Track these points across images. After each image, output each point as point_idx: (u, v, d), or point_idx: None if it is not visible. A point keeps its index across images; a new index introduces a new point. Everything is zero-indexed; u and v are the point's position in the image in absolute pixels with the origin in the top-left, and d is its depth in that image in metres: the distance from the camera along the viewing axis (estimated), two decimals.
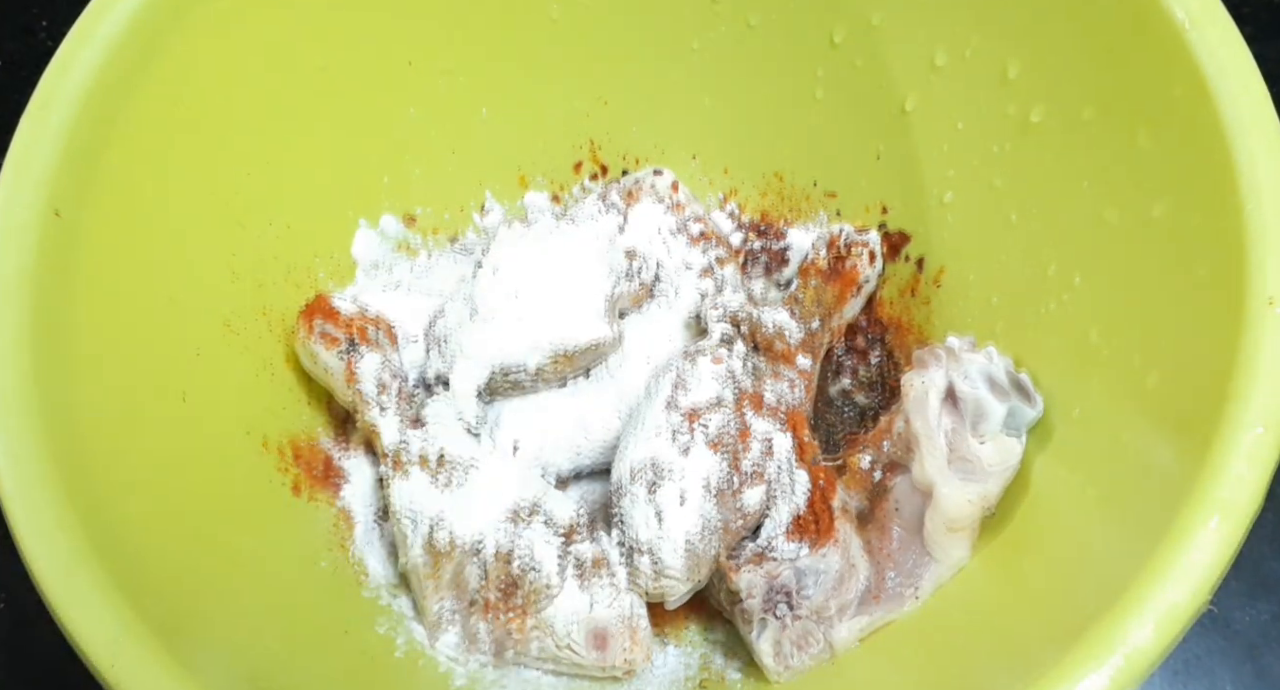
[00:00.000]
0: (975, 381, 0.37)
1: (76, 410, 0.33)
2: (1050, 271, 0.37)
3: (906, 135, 0.42)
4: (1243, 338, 0.28)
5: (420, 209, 0.49)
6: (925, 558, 0.37)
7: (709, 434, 0.38)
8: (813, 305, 0.43)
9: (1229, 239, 0.29)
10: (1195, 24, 0.31)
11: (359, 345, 0.42)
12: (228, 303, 0.41)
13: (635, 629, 0.38)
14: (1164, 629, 0.26)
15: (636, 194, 0.45)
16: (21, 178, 0.34)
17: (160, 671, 0.29)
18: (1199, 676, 0.43)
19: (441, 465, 0.40)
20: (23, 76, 0.57)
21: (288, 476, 0.41)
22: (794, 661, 0.37)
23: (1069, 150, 0.36)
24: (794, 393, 0.41)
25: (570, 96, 0.48)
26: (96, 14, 0.35)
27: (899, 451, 0.38)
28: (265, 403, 0.42)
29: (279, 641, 0.35)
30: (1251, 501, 0.27)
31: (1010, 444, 0.36)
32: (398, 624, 0.40)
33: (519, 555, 0.38)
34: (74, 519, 0.30)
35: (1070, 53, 0.35)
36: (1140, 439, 0.31)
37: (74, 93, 0.35)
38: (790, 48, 0.44)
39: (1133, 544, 0.28)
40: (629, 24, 0.45)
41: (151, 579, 0.32)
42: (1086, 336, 0.35)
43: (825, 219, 0.47)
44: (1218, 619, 0.44)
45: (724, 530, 0.37)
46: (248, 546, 0.37)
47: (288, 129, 0.42)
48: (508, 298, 0.41)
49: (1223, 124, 0.30)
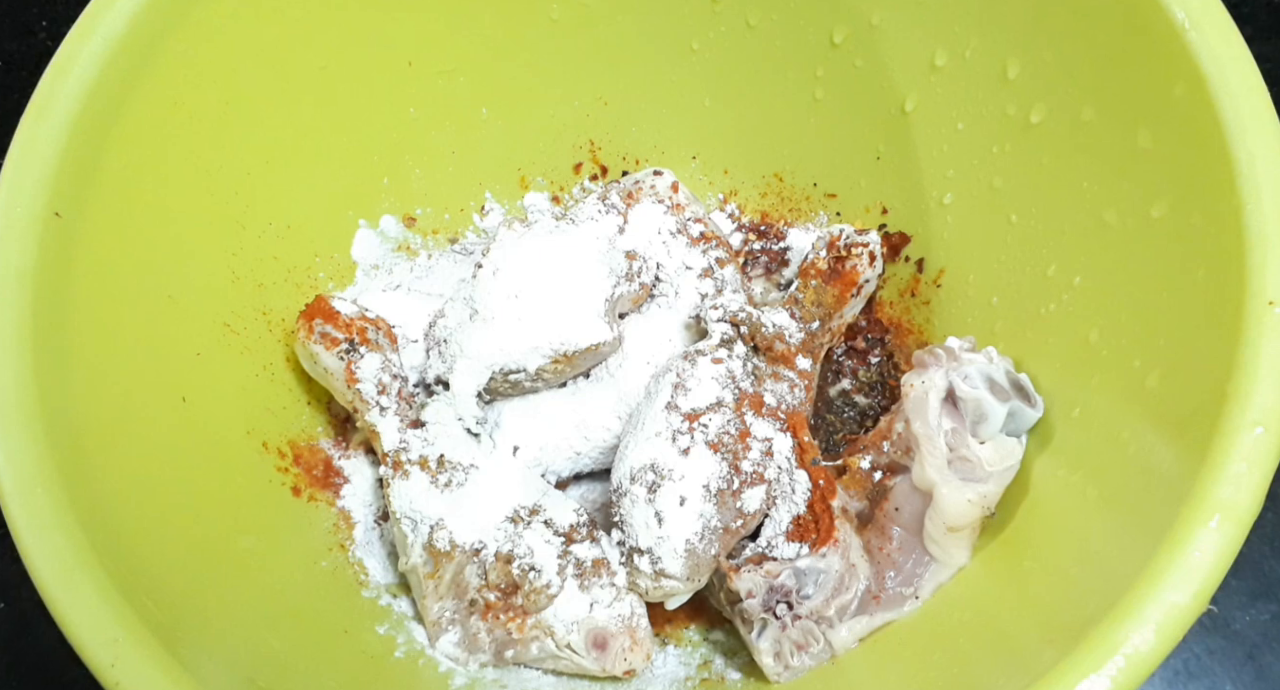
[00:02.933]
0: (975, 382, 0.37)
1: (76, 410, 0.33)
2: (1050, 272, 0.37)
3: (906, 135, 0.42)
4: (1243, 338, 0.28)
5: (420, 210, 0.49)
6: (925, 559, 0.37)
7: (709, 435, 0.38)
8: (813, 306, 0.43)
9: (1229, 239, 0.29)
10: (1195, 24, 0.31)
11: (359, 346, 0.42)
12: (228, 304, 0.41)
13: (635, 630, 0.38)
14: (1164, 630, 0.26)
15: (636, 195, 0.45)
16: (21, 178, 0.34)
17: (160, 671, 0.29)
18: (1199, 677, 0.43)
19: (442, 467, 0.40)
20: (23, 76, 0.57)
21: (288, 478, 0.41)
22: (794, 662, 0.37)
23: (1069, 150, 0.36)
24: (794, 394, 0.41)
25: (570, 96, 0.48)
26: (96, 14, 0.35)
27: (899, 453, 0.38)
28: (265, 404, 0.42)
29: (279, 642, 0.35)
30: (1252, 501, 0.27)
31: (1010, 445, 0.36)
32: (398, 625, 0.40)
33: (519, 557, 0.38)
34: (74, 519, 0.30)
35: (1070, 53, 0.35)
36: (1140, 439, 0.31)
37: (74, 93, 0.35)
38: (790, 48, 0.44)
39: (1133, 544, 0.28)
40: (629, 24, 0.45)
41: (151, 579, 0.32)
42: (1086, 337, 0.35)
43: (825, 220, 0.47)
44: (1218, 620, 0.44)
45: (724, 532, 0.37)
46: (248, 547, 0.37)
47: (287, 129, 0.42)
48: (508, 299, 0.41)
49: (1223, 124, 0.30)
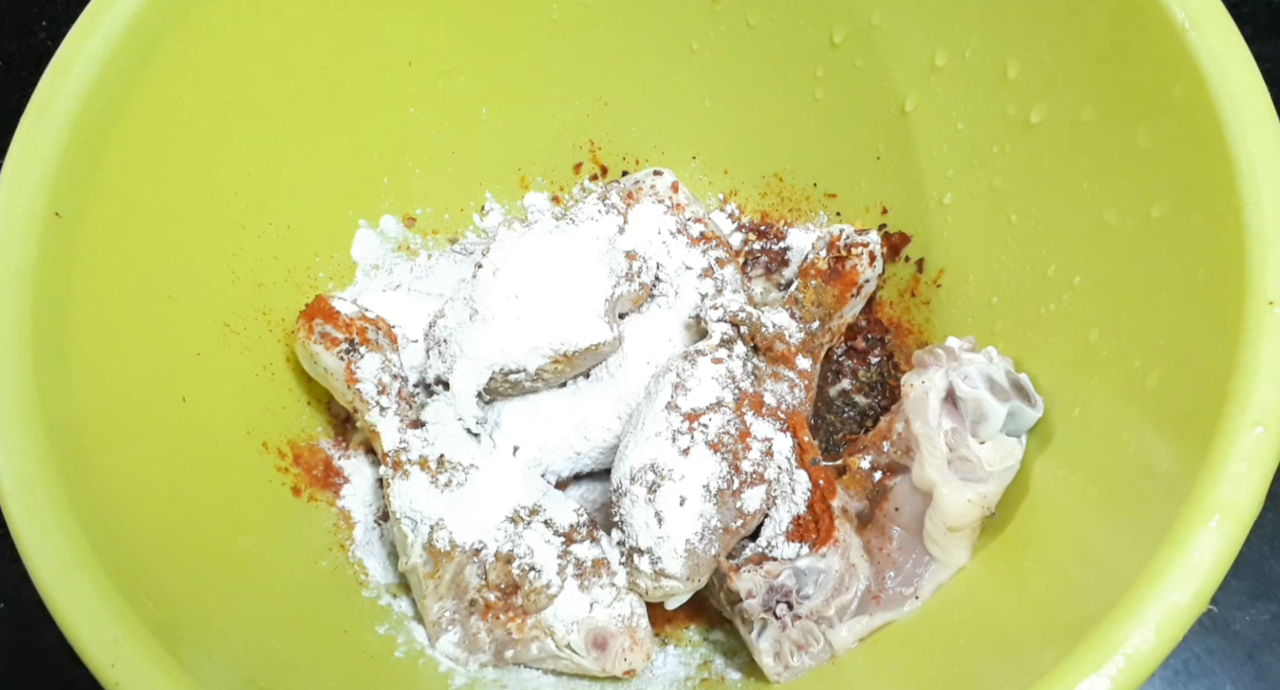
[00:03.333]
0: (975, 382, 0.37)
1: (76, 411, 0.33)
2: (1050, 272, 0.37)
3: (906, 135, 0.42)
4: (1243, 338, 0.28)
5: (420, 210, 0.49)
6: (925, 559, 0.37)
7: (709, 435, 0.38)
8: (813, 306, 0.43)
9: (1229, 239, 0.29)
10: (1195, 24, 0.31)
11: (359, 346, 0.42)
12: (228, 304, 0.41)
13: (635, 630, 0.38)
14: (1164, 630, 0.26)
15: (636, 195, 0.45)
16: (21, 178, 0.34)
17: (160, 671, 0.29)
18: (1199, 677, 0.43)
19: (442, 467, 0.40)
20: (23, 76, 0.57)
21: (288, 478, 0.41)
22: (794, 662, 0.37)
23: (1069, 150, 0.36)
24: (794, 394, 0.41)
25: (570, 96, 0.48)
26: (96, 14, 0.35)
27: (899, 453, 0.38)
28: (265, 404, 0.42)
29: (279, 642, 0.35)
30: (1252, 501, 0.27)
31: (1010, 445, 0.36)
32: (398, 625, 0.40)
33: (519, 557, 0.38)
34: (74, 519, 0.30)
35: (1070, 53, 0.35)
36: (1140, 439, 0.31)
37: (74, 93, 0.35)
38: (790, 48, 0.44)
39: (1133, 544, 0.28)
40: (629, 24, 0.45)
41: (151, 579, 0.32)
42: (1086, 337, 0.35)
43: (825, 220, 0.47)
44: (1218, 619, 0.44)
45: (724, 532, 0.37)
46: (248, 547, 0.37)
47: (287, 129, 0.42)
48: (508, 299, 0.41)
49: (1223, 124, 0.30)
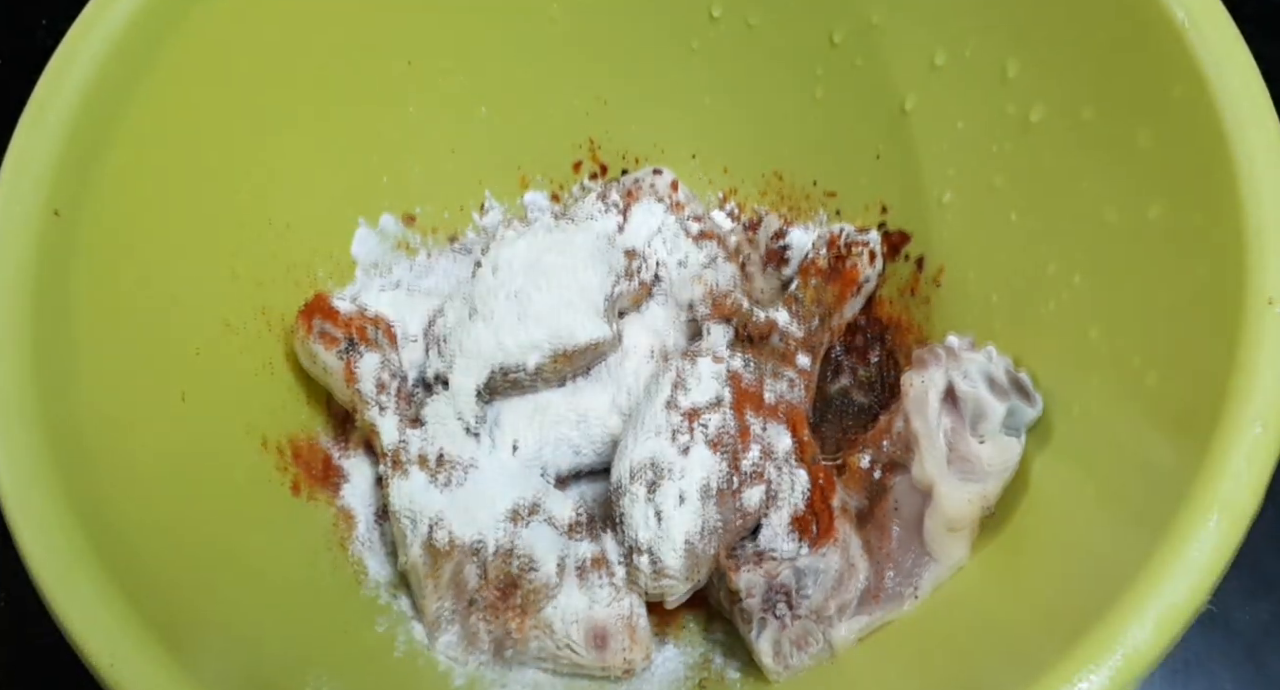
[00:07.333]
0: (975, 381, 0.37)
1: (76, 410, 0.33)
2: (1050, 271, 0.37)
3: (906, 135, 0.42)
4: (1242, 337, 0.28)
5: (420, 208, 0.49)
6: (925, 557, 0.37)
7: (708, 434, 0.38)
8: (812, 305, 0.43)
9: (1229, 239, 0.29)
10: (1195, 24, 0.31)
11: (358, 345, 0.42)
12: (227, 302, 0.41)
13: (634, 628, 0.38)
14: (1164, 628, 0.26)
15: (636, 193, 0.45)
16: (21, 178, 0.34)
17: (160, 671, 0.29)
18: (1199, 676, 0.43)
19: (441, 465, 0.40)
20: (23, 76, 0.57)
21: (287, 476, 0.41)
22: (793, 661, 0.37)
23: (1069, 150, 0.36)
24: (793, 392, 0.41)
25: (570, 96, 0.48)
26: (96, 14, 0.35)
27: (898, 451, 0.38)
28: (265, 402, 0.42)
29: (278, 641, 0.35)
30: (1251, 500, 0.27)
31: (1009, 443, 0.36)
32: (397, 623, 0.40)
33: (518, 555, 0.38)
34: (74, 519, 0.30)
35: (1070, 53, 0.35)
36: (1140, 438, 0.31)
37: (74, 93, 0.35)
38: (790, 48, 0.44)
39: (1132, 543, 0.28)
40: (629, 24, 0.45)
41: (151, 578, 0.32)
42: (1086, 336, 0.35)
43: (825, 218, 0.47)
44: (1218, 618, 0.44)
45: (723, 530, 0.37)
46: (247, 546, 0.37)
47: (287, 127, 0.42)
48: (507, 297, 0.41)
49: (1223, 124, 0.30)
